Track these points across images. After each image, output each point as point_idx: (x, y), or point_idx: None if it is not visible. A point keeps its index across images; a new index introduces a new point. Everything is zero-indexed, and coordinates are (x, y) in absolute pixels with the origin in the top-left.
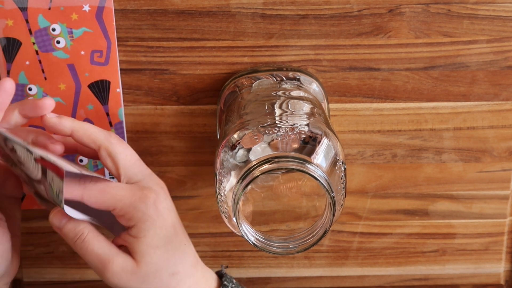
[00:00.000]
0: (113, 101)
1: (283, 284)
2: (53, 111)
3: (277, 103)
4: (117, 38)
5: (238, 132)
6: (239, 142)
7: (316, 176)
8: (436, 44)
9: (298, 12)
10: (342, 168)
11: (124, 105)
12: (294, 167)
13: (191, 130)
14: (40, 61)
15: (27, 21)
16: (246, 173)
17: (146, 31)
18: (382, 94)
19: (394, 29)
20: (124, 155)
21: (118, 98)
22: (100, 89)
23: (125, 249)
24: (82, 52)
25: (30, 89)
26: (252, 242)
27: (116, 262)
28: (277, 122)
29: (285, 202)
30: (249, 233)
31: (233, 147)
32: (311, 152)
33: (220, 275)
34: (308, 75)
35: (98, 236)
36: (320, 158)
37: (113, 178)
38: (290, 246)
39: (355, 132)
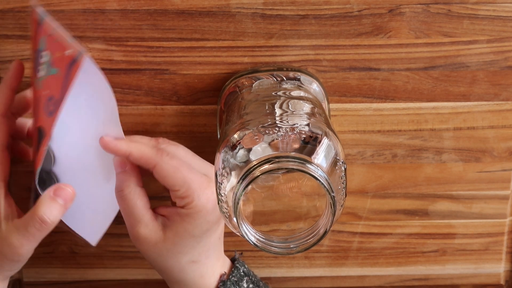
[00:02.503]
0: (37, 158)
1: (283, 284)
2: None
3: (277, 103)
4: (117, 38)
5: (238, 132)
6: (240, 142)
7: (316, 176)
8: (436, 44)
9: (298, 12)
10: (343, 168)
11: (124, 105)
12: (295, 167)
13: (191, 130)
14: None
15: (36, 33)
16: (247, 173)
17: (146, 31)
18: (382, 94)
19: (394, 29)
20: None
21: (41, 155)
22: (39, 138)
23: (162, 219)
24: (45, 92)
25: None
26: (252, 242)
27: (145, 227)
28: (277, 122)
29: (285, 202)
30: (250, 233)
31: (233, 147)
32: (311, 152)
33: (233, 259)
34: (308, 75)
35: (142, 196)
36: (321, 158)
37: None
38: (291, 246)
39: (355, 132)
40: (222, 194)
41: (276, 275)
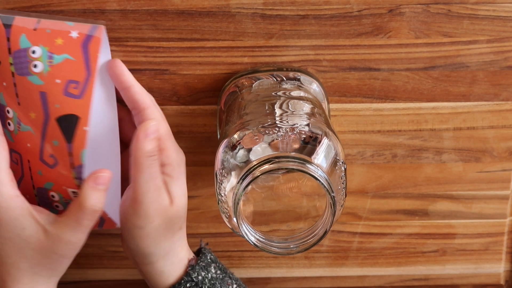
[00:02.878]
0: (78, 140)
1: (283, 284)
2: (27, 140)
3: (277, 103)
4: (117, 38)
5: (238, 132)
6: (240, 142)
7: (316, 176)
8: (436, 44)
9: (298, 12)
10: (343, 168)
11: (124, 105)
12: (295, 167)
13: (191, 130)
14: (15, 85)
15: (8, 40)
16: (247, 173)
17: (146, 31)
18: (382, 94)
19: (394, 29)
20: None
21: (84, 137)
22: (68, 124)
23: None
24: (58, 81)
25: (8, 111)
26: (252, 242)
27: (160, 194)
28: (277, 122)
29: (285, 202)
30: (250, 233)
31: (233, 147)
32: (311, 152)
33: (199, 249)
34: (308, 75)
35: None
36: (321, 158)
37: None
38: (291, 246)
39: (355, 132)
40: (222, 194)
41: (276, 275)
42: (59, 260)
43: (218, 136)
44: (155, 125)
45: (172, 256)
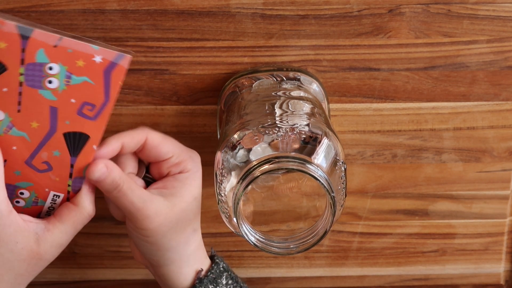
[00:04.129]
0: (84, 156)
1: (283, 284)
2: (14, 143)
3: (277, 103)
4: (117, 38)
5: (238, 132)
6: (240, 142)
7: (316, 176)
8: (436, 44)
9: (298, 12)
10: (343, 168)
11: (124, 105)
12: (295, 167)
13: (191, 130)
14: (20, 93)
15: (23, 50)
16: (247, 173)
17: (146, 31)
18: (382, 94)
19: (394, 29)
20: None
21: (91, 155)
22: (75, 141)
23: (159, 191)
24: (73, 100)
25: None
26: (252, 242)
27: (150, 204)
28: (277, 122)
29: (285, 202)
30: (250, 233)
31: (233, 147)
32: (311, 152)
33: (212, 256)
34: (308, 75)
35: (132, 185)
36: (321, 158)
37: None
38: (291, 246)
39: (355, 132)
40: (222, 195)
41: (276, 275)
42: (43, 265)
43: (218, 136)
44: (101, 171)
45: (184, 262)
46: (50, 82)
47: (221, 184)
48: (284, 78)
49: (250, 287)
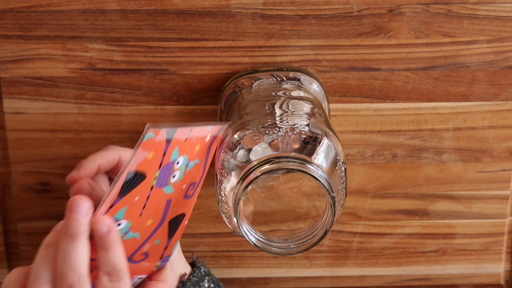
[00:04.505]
0: (177, 235)
1: (283, 284)
2: (124, 246)
3: (277, 103)
4: (117, 38)
5: (238, 133)
6: (240, 143)
7: (316, 177)
8: (436, 44)
9: (298, 12)
10: (343, 168)
11: (124, 106)
12: (295, 167)
13: None
14: (148, 197)
15: (164, 154)
16: (247, 174)
17: (146, 31)
18: (382, 94)
19: (394, 29)
20: None
21: (182, 231)
22: (175, 223)
23: None
24: (184, 186)
25: (119, 224)
26: (252, 242)
27: None
28: (277, 122)
29: (285, 202)
30: (250, 233)
31: (233, 148)
32: (311, 152)
33: (193, 262)
34: (308, 75)
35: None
36: (321, 158)
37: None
38: (291, 246)
39: (355, 132)
40: (222, 195)
41: (276, 275)
42: None
43: None
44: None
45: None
46: (174, 176)
47: (221, 184)
48: (284, 78)
49: (250, 287)
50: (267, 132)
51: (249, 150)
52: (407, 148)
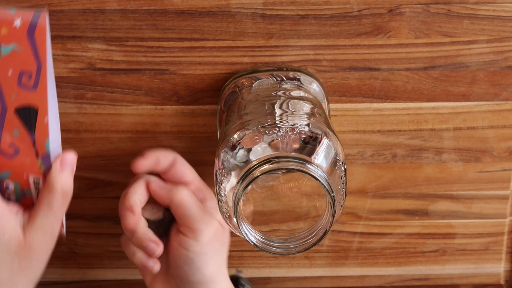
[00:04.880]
0: (40, 131)
1: (283, 284)
2: None
3: (277, 103)
4: (117, 38)
5: (238, 132)
6: (240, 142)
7: (316, 176)
8: (436, 44)
9: (298, 12)
10: (343, 168)
11: (124, 105)
12: (295, 167)
13: (191, 130)
14: None
15: None
16: (247, 173)
17: (146, 31)
18: (382, 94)
19: (394, 29)
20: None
21: (46, 129)
22: (27, 115)
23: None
24: (10, 72)
25: None
26: (252, 242)
27: (208, 220)
28: (277, 122)
29: (285, 202)
30: (250, 233)
31: (233, 147)
32: (311, 152)
33: (235, 277)
34: (308, 75)
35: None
36: (321, 158)
37: None
38: (291, 246)
39: (355, 132)
40: (222, 195)
41: (276, 275)
42: (36, 257)
43: (218, 136)
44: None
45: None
46: None
47: (221, 184)
48: (284, 78)
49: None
50: (267, 132)
51: (249, 150)
52: (407, 148)
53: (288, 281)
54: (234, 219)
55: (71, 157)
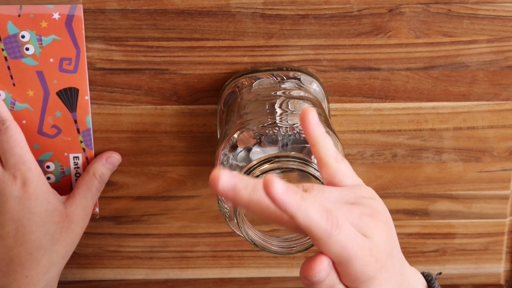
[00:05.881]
0: (81, 109)
1: (283, 284)
2: (22, 117)
3: (277, 102)
4: (117, 38)
5: (238, 132)
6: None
7: (316, 176)
8: (436, 44)
9: (298, 12)
10: None
11: (124, 105)
12: (295, 167)
13: (191, 130)
14: (9, 68)
15: None
16: (247, 173)
17: (146, 31)
18: (382, 94)
19: (394, 29)
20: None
21: (86, 105)
22: (69, 96)
23: None
24: (51, 60)
25: None
26: (252, 242)
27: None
28: (277, 121)
29: None
30: (250, 233)
31: (233, 147)
32: (311, 152)
33: (428, 277)
34: (308, 75)
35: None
36: None
37: None
38: (291, 246)
39: (355, 132)
40: None
41: (276, 275)
42: (75, 230)
43: (218, 136)
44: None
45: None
46: (27, 49)
47: None
48: (284, 77)
49: (250, 287)
50: (267, 131)
51: (249, 150)
52: (407, 148)
53: (288, 281)
54: (234, 219)
55: (116, 159)
